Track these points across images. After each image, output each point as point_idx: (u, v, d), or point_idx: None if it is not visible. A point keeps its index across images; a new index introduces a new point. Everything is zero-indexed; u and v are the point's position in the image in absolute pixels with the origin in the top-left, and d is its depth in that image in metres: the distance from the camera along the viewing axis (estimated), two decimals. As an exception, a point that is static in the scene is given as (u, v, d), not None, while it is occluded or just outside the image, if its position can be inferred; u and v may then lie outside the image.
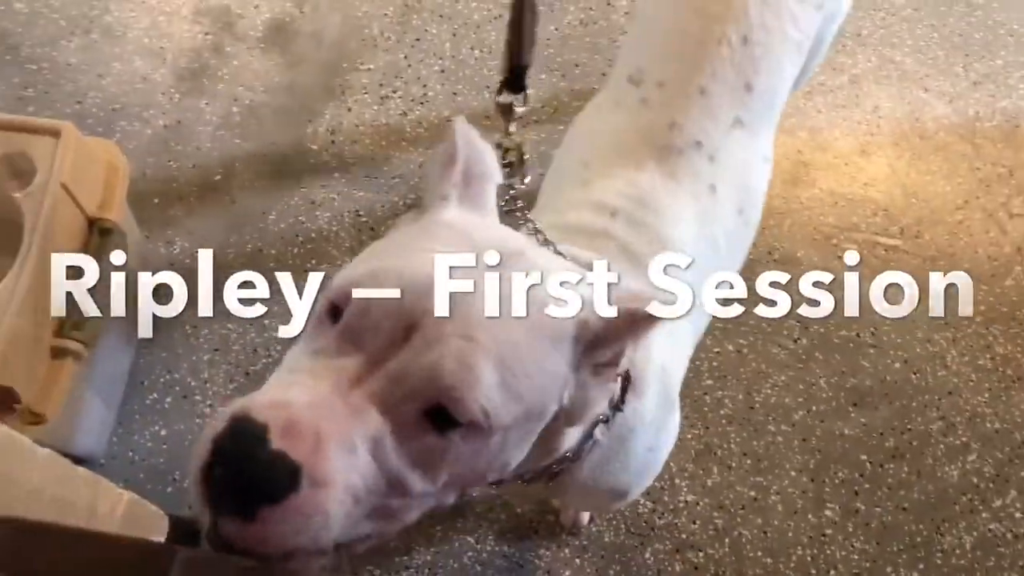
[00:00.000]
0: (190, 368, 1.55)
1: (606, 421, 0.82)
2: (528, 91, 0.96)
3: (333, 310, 0.64)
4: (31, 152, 1.21)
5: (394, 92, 1.84)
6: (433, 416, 0.62)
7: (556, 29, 1.93)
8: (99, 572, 0.46)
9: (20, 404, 1.07)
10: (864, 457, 1.55)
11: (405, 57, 1.88)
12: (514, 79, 0.95)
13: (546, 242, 0.86)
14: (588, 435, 0.82)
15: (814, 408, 1.59)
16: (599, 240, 0.94)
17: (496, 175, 0.76)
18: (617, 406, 0.84)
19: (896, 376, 1.63)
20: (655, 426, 0.93)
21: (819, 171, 1.82)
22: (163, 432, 1.50)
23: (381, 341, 0.61)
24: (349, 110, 1.81)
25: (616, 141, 1.03)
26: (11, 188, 1.20)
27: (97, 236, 1.26)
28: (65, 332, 1.19)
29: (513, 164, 0.93)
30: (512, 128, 0.95)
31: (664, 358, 0.93)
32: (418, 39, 1.90)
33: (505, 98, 0.95)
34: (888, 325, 1.67)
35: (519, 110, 0.96)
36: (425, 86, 1.84)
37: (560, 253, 0.83)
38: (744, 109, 1.04)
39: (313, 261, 1.63)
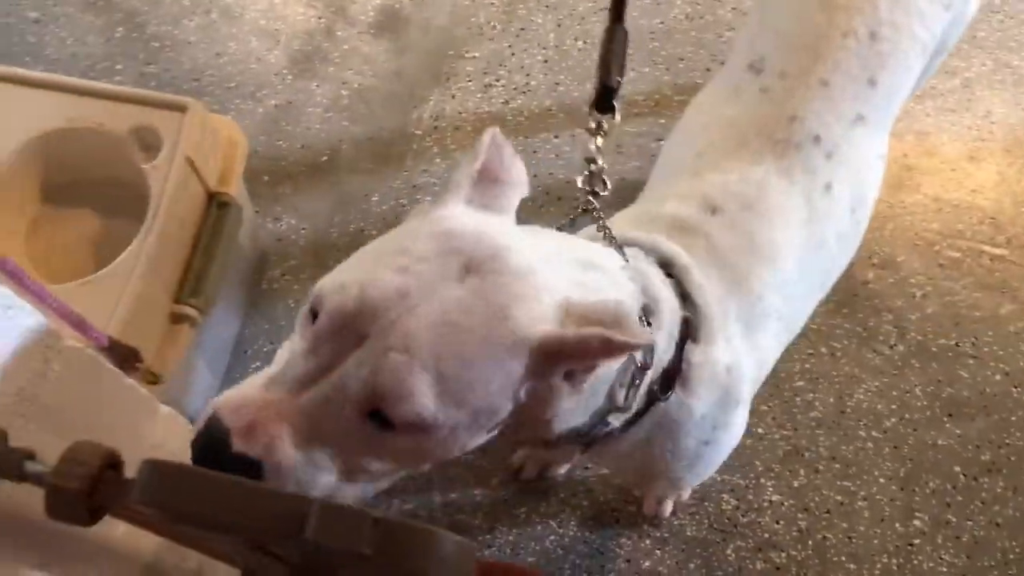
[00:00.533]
0: (291, 340, 1.61)
1: (621, 409, 0.82)
2: (617, 114, 0.98)
3: (313, 312, 0.69)
4: (159, 126, 1.28)
5: (497, 80, 1.87)
6: (376, 416, 0.66)
7: (661, 23, 1.93)
8: (240, 513, 0.50)
9: (142, 364, 1.13)
10: (958, 469, 1.52)
11: (510, 46, 1.91)
12: (603, 99, 0.98)
13: (610, 239, 0.86)
14: (600, 421, 0.82)
15: (907, 416, 1.57)
16: (691, 237, 0.94)
17: (521, 186, 0.77)
18: (656, 396, 0.85)
19: (996, 389, 1.59)
20: (710, 423, 0.94)
21: (925, 176, 1.78)
22: (263, 400, 1.57)
23: (335, 349, 0.66)
24: (453, 97, 1.85)
25: (733, 132, 1.03)
26: (139, 160, 1.27)
27: (216, 209, 1.32)
28: (183, 298, 1.26)
29: (593, 172, 0.95)
30: (599, 143, 0.97)
31: (732, 359, 0.92)
32: (523, 29, 1.93)
33: (595, 117, 0.98)
34: (990, 336, 1.63)
35: (606, 126, 0.98)
36: (528, 75, 1.87)
37: (623, 253, 0.84)
38: (867, 105, 1.03)
39: (412, 243, 1.67)
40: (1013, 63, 1.89)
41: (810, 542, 1.47)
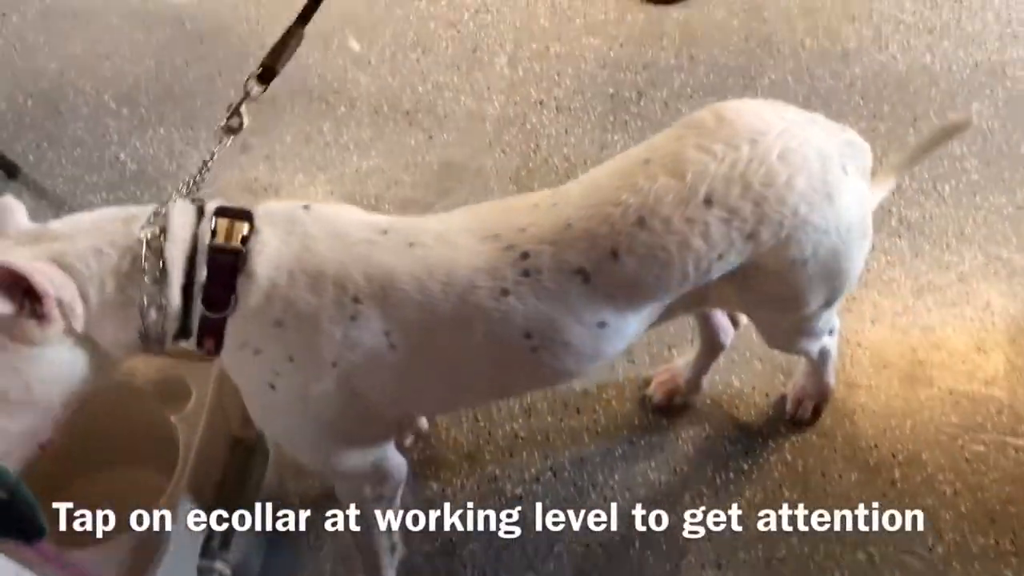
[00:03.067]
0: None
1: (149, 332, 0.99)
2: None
3: None
4: (187, 375, 1.29)
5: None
6: None
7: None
8: None
9: (173, 628, 1.09)
10: (1019, 678, 1.45)
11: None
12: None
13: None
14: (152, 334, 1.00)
15: (958, 623, 1.51)
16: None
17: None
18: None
19: (1043, 588, 1.54)
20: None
21: (936, 369, 1.80)
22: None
23: None
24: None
25: (492, 211, 1.11)
26: (165, 411, 1.27)
27: (240, 453, 1.32)
28: (212, 550, 1.23)
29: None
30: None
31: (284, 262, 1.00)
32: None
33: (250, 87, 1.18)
34: (1028, 531, 1.59)
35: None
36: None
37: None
38: (599, 271, 1.04)
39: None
40: (1003, 255, 1.95)
41: None
